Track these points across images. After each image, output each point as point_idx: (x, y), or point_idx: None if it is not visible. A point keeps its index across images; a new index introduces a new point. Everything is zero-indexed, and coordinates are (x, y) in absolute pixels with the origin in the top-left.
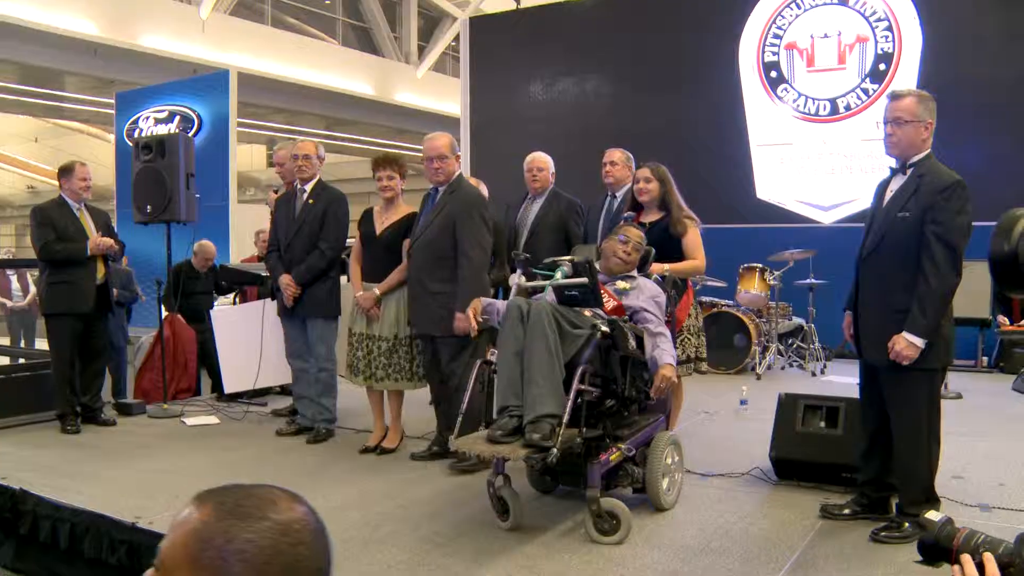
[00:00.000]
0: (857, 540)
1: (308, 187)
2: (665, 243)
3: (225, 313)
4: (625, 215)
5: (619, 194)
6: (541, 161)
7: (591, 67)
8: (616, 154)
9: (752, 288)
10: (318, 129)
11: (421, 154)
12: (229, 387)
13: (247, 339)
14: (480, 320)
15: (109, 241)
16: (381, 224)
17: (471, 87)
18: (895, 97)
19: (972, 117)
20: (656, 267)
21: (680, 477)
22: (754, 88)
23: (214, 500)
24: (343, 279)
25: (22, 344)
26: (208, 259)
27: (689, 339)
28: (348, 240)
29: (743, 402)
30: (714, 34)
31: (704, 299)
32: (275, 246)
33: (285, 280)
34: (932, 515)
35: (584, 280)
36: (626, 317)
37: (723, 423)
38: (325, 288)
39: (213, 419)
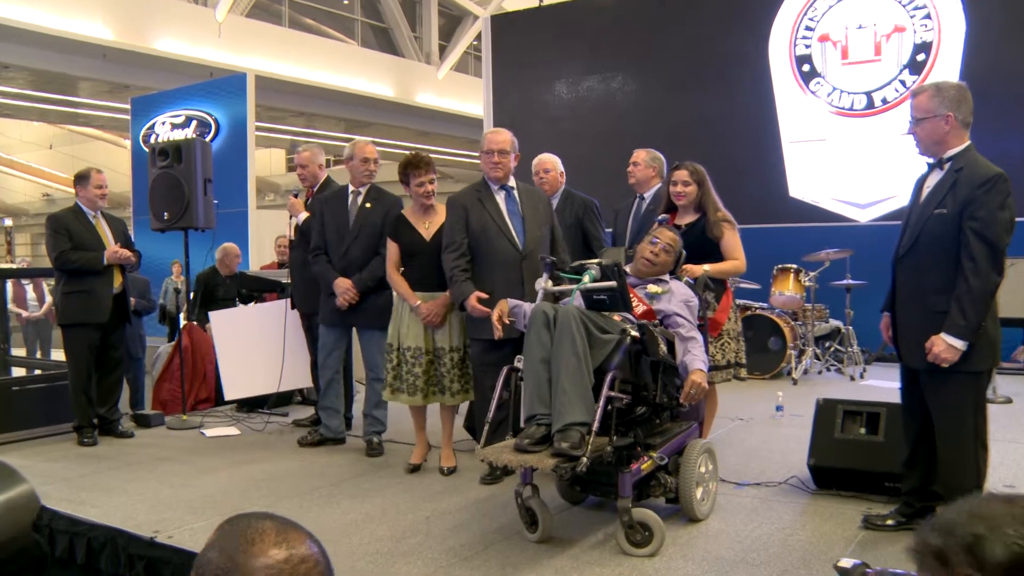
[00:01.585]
0: (902, 552)
1: (363, 190)
2: (702, 246)
3: (226, 316)
4: (659, 217)
5: (647, 195)
6: (547, 162)
7: (616, 64)
8: (640, 154)
9: (787, 290)
10: (337, 132)
11: (444, 155)
12: (229, 393)
13: (248, 342)
14: (507, 322)
15: (126, 253)
16: (426, 229)
17: (494, 87)
18: (913, 95)
19: (1017, 108)
20: (694, 268)
21: (714, 486)
22: (786, 82)
23: (222, 539)
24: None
25: (38, 355)
26: (234, 262)
27: (728, 343)
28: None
29: (779, 408)
30: (744, 27)
31: (737, 302)
32: (321, 249)
33: (345, 284)
34: (845, 562)
35: (612, 284)
36: (656, 321)
37: (759, 430)
38: (383, 298)
39: (233, 430)
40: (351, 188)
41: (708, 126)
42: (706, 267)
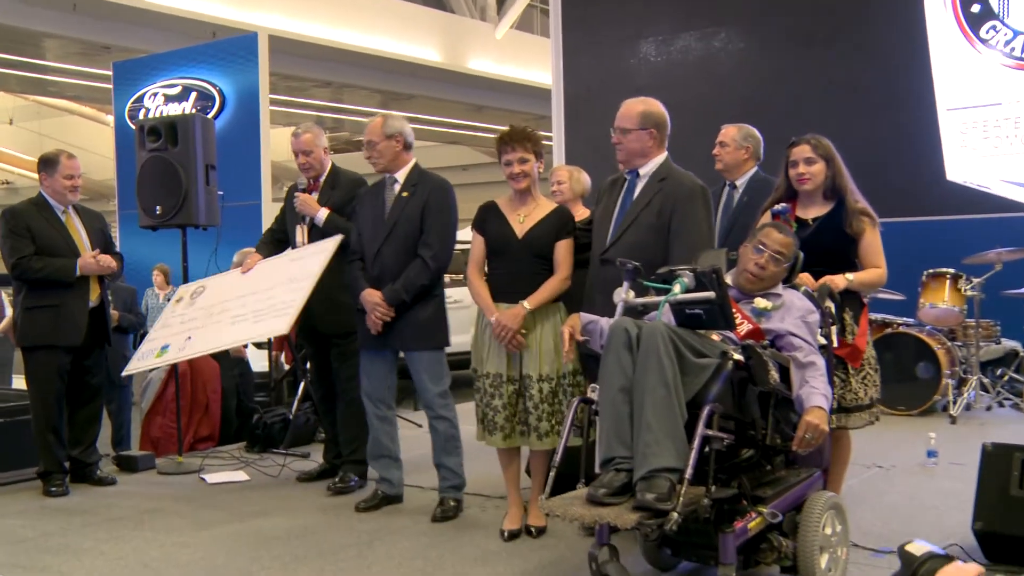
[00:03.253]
0: None
1: (400, 176)
2: (839, 245)
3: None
4: (776, 208)
5: (739, 183)
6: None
7: (719, 18)
8: (729, 132)
9: (941, 301)
10: (371, 107)
11: (497, 135)
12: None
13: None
14: (580, 340)
15: (108, 260)
16: (520, 222)
17: (564, 49)
18: None
19: None
20: (836, 280)
21: (844, 553)
22: (946, 30)
23: None
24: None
25: None
26: None
27: (870, 375)
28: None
29: (931, 454)
30: None
31: (874, 316)
32: (358, 254)
33: (373, 299)
34: (915, 547)
35: (710, 294)
36: (766, 343)
37: (903, 481)
38: (429, 310)
39: (241, 475)
40: (389, 176)
41: (836, 93)
42: (850, 276)
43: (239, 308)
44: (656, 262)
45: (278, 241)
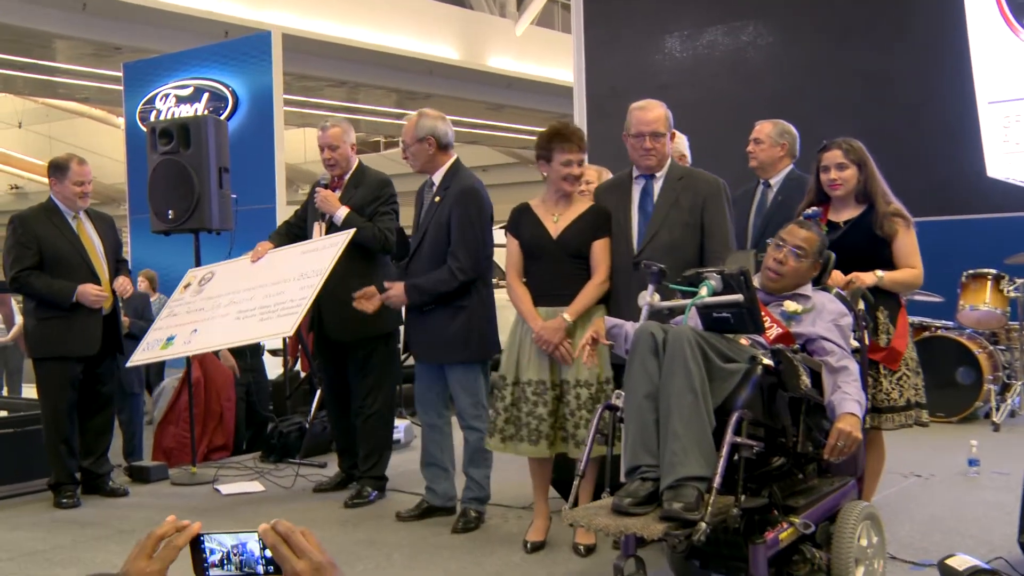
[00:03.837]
0: None
1: (437, 178)
2: (871, 249)
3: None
4: (808, 212)
5: (773, 181)
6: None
7: (749, 10)
8: (765, 128)
9: (983, 303)
10: (387, 106)
11: (522, 135)
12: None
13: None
14: (605, 344)
15: (123, 281)
16: (555, 223)
17: (586, 45)
18: None
19: None
20: (864, 276)
21: (881, 566)
22: (987, 18)
23: None
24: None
25: (4, 391)
26: None
27: (907, 376)
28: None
29: (973, 462)
30: None
31: (910, 320)
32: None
33: (397, 289)
34: (957, 560)
35: (738, 297)
36: (796, 347)
37: (944, 491)
38: (459, 322)
39: (256, 486)
40: (429, 178)
41: (871, 87)
42: (880, 273)
43: (247, 302)
44: (691, 260)
45: (293, 235)
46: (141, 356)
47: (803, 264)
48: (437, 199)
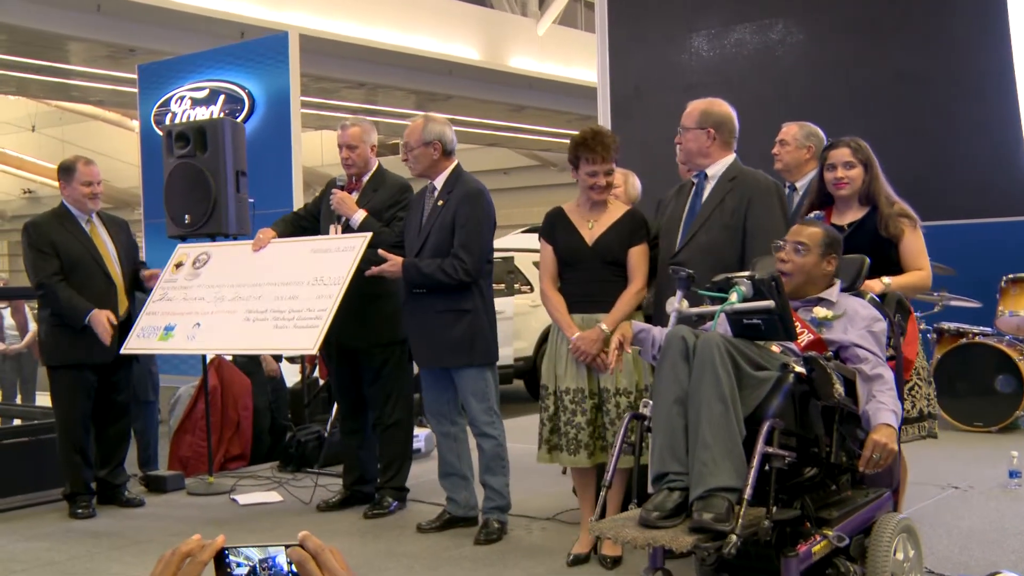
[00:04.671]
0: None
1: (439, 183)
2: (876, 251)
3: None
4: (811, 215)
5: (799, 185)
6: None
7: (776, 8)
8: (791, 130)
9: (1022, 309)
10: (406, 108)
11: (544, 136)
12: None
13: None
14: (628, 351)
15: (152, 271)
16: (590, 229)
17: (610, 45)
18: None
19: None
20: (871, 284)
21: None
22: None
23: None
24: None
25: (18, 399)
26: None
27: (920, 386)
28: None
29: (1014, 475)
30: None
31: (947, 326)
32: None
33: (395, 263)
34: None
35: (769, 304)
36: (829, 354)
37: (982, 504)
38: (463, 325)
39: (274, 496)
40: (430, 183)
41: (905, 86)
42: (887, 280)
43: (255, 301)
44: (729, 262)
45: (301, 228)
46: (136, 344)
47: (808, 259)
48: (440, 203)
